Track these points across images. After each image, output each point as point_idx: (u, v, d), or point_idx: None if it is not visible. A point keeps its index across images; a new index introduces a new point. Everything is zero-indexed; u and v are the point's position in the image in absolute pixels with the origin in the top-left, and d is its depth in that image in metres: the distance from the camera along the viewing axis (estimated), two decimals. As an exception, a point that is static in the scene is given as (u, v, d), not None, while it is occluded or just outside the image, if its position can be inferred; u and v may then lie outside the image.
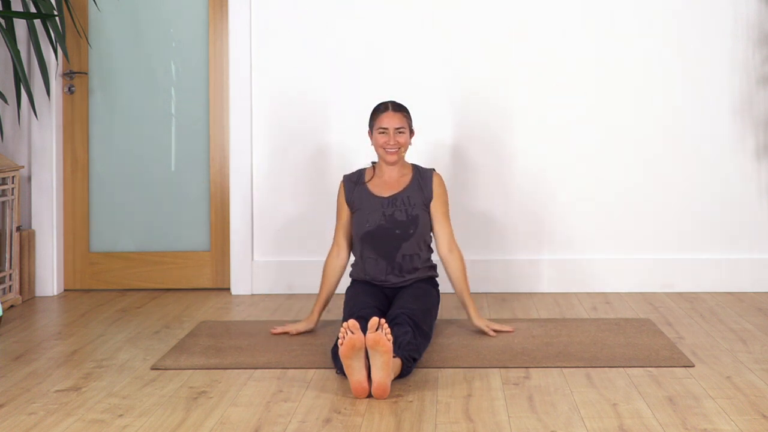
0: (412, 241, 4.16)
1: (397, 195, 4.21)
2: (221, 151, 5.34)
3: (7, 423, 3.08)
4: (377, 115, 4.22)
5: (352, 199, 4.24)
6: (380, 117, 4.20)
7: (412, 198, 4.20)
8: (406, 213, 4.17)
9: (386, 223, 4.15)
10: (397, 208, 4.17)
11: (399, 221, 4.16)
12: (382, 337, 3.27)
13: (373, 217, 4.16)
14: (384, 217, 4.16)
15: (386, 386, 3.29)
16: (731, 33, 5.17)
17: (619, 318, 4.52)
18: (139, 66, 5.36)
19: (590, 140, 5.21)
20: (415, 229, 4.16)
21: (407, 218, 4.16)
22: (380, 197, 4.20)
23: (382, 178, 4.26)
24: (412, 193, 4.21)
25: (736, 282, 5.19)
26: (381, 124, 4.18)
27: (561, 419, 3.07)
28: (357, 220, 4.20)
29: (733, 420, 3.05)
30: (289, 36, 5.24)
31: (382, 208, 4.18)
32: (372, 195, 4.21)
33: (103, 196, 5.39)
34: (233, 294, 5.25)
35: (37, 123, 5.22)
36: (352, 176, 4.29)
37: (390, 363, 3.29)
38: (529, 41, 5.19)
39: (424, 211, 4.20)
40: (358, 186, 4.25)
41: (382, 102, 4.31)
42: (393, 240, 4.15)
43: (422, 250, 4.21)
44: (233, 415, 3.15)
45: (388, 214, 4.17)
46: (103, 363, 3.81)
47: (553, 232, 5.22)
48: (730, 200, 5.20)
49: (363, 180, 4.26)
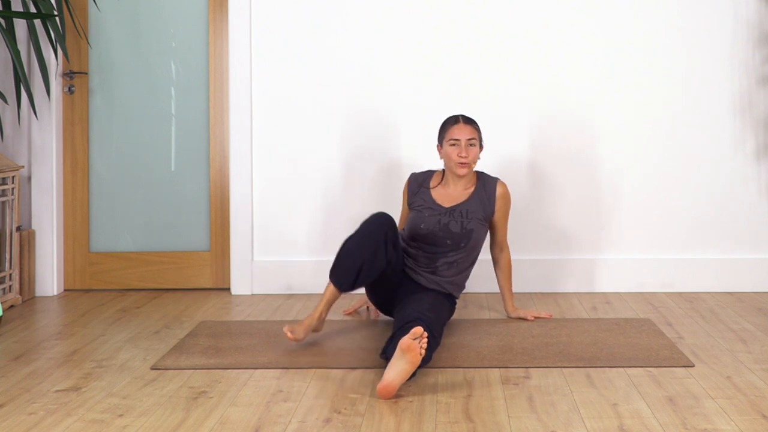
0: (461, 253, 4.24)
1: (456, 207, 4.27)
2: (221, 151, 5.34)
3: (7, 423, 3.08)
4: (448, 127, 4.26)
5: (413, 199, 4.34)
6: (451, 129, 4.24)
7: (471, 211, 4.27)
8: (461, 225, 4.23)
9: (440, 231, 4.22)
10: (454, 219, 4.24)
11: (453, 232, 4.22)
12: (416, 348, 3.31)
13: (429, 222, 4.23)
14: (439, 225, 4.23)
15: (394, 388, 3.30)
16: (731, 33, 5.17)
17: (619, 318, 4.52)
18: (139, 66, 5.36)
19: (590, 140, 5.21)
20: (466, 243, 4.23)
21: (461, 231, 4.23)
22: (440, 206, 4.27)
23: (447, 187, 4.33)
24: (473, 206, 4.28)
25: (736, 282, 5.19)
26: (453, 136, 4.22)
27: (561, 419, 3.07)
28: (414, 218, 4.28)
29: (733, 420, 3.05)
30: (289, 36, 5.24)
31: (439, 216, 4.24)
32: (434, 202, 4.29)
33: (103, 196, 5.39)
34: (233, 294, 5.26)
35: (37, 123, 5.23)
36: (418, 177, 4.38)
37: (409, 374, 3.33)
38: (526, 39, 5.20)
39: (480, 225, 4.28)
40: (423, 188, 4.33)
41: (453, 115, 4.39)
42: (442, 247, 4.22)
43: (463, 270, 4.27)
44: (233, 415, 3.15)
45: (444, 223, 4.23)
46: (103, 363, 3.81)
47: (553, 232, 5.22)
48: (730, 200, 5.20)
49: (428, 184, 4.33)
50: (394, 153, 5.22)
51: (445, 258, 4.22)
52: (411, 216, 4.30)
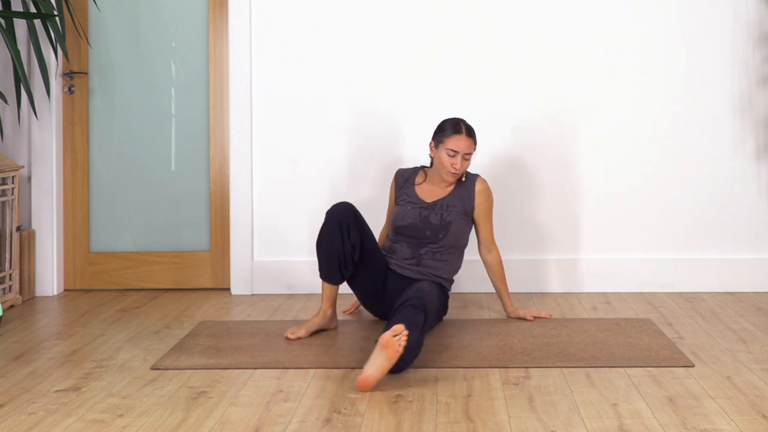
0: (442, 244, 4.31)
1: (437, 201, 4.36)
2: (221, 151, 5.34)
3: (7, 423, 3.08)
4: (450, 135, 4.29)
5: (399, 193, 4.43)
6: (453, 138, 4.28)
7: (450, 205, 4.35)
8: (440, 218, 4.32)
9: (420, 223, 4.32)
10: (434, 212, 4.33)
11: (432, 224, 4.31)
12: (394, 345, 3.39)
13: (411, 215, 4.33)
14: (420, 218, 4.32)
15: (372, 382, 3.38)
16: (731, 33, 5.17)
17: (619, 318, 4.52)
18: (139, 66, 5.36)
19: (590, 140, 5.21)
20: (445, 234, 4.31)
21: (440, 222, 4.31)
22: (423, 201, 4.37)
23: (430, 184, 4.42)
24: (453, 201, 4.37)
25: (736, 282, 5.19)
26: (452, 146, 4.27)
27: (561, 419, 3.07)
28: (397, 212, 4.37)
29: (733, 420, 3.05)
30: (289, 36, 5.24)
31: (420, 209, 4.34)
32: (417, 197, 4.38)
33: (103, 196, 5.39)
34: (233, 294, 5.25)
35: (37, 123, 5.22)
36: (405, 172, 4.47)
37: (386, 369, 3.40)
38: (526, 39, 5.19)
39: (460, 219, 4.35)
40: (407, 184, 4.42)
41: (457, 120, 4.33)
42: (422, 238, 4.32)
43: (448, 260, 4.34)
44: (233, 415, 3.15)
45: (424, 216, 4.32)
46: (103, 363, 3.81)
47: (553, 232, 5.22)
48: (730, 200, 5.20)
49: (413, 180, 4.43)
50: (394, 153, 5.22)
51: (426, 248, 4.31)
52: (396, 210, 4.39)
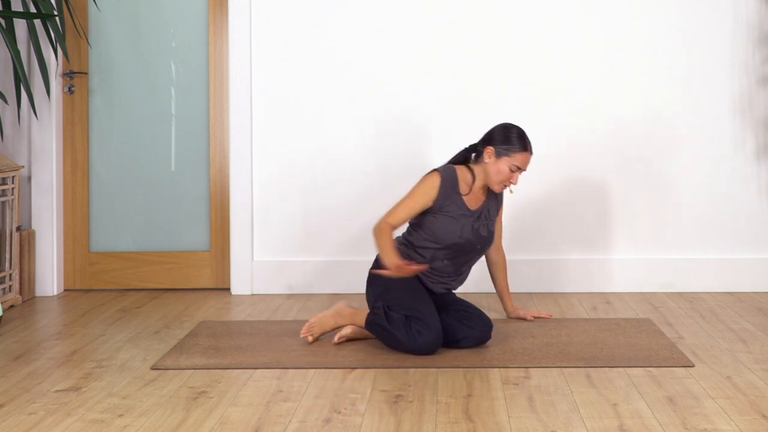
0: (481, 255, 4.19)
1: (481, 208, 4.14)
2: (221, 151, 5.34)
3: (7, 423, 3.08)
4: (518, 150, 4.06)
5: (443, 203, 4.06)
6: (522, 155, 4.05)
7: (491, 211, 4.17)
8: (487, 228, 4.14)
9: (474, 238, 4.10)
10: (482, 223, 4.13)
11: (482, 236, 4.12)
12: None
13: (466, 231, 4.07)
14: (473, 232, 4.09)
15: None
16: (731, 33, 5.17)
17: (619, 318, 4.52)
18: (139, 66, 5.36)
19: (589, 140, 5.21)
20: (488, 245, 4.17)
21: (488, 234, 4.15)
22: (471, 211, 4.10)
23: (475, 191, 4.13)
24: (491, 206, 4.18)
25: (736, 282, 5.19)
26: (518, 163, 4.05)
27: (561, 419, 3.07)
28: (444, 225, 4.06)
29: (733, 420, 3.05)
30: (289, 36, 5.24)
31: (472, 222, 4.10)
32: (466, 208, 4.09)
33: (103, 196, 5.39)
34: (233, 294, 5.26)
35: (37, 123, 5.23)
36: (449, 178, 4.07)
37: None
38: (526, 39, 5.20)
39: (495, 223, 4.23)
40: (454, 194, 4.08)
41: (523, 134, 4.10)
42: (472, 254, 4.14)
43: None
44: (233, 415, 3.15)
45: (476, 229, 4.11)
46: (103, 363, 3.81)
47: (553, 232, 5.22)
48: (730, 200, 5.20)
49: (458, 189, 4.09)
50: (394, 153, 5.22)
51: (469, 264, 4.17)
52: (439, 223, 4.05)
